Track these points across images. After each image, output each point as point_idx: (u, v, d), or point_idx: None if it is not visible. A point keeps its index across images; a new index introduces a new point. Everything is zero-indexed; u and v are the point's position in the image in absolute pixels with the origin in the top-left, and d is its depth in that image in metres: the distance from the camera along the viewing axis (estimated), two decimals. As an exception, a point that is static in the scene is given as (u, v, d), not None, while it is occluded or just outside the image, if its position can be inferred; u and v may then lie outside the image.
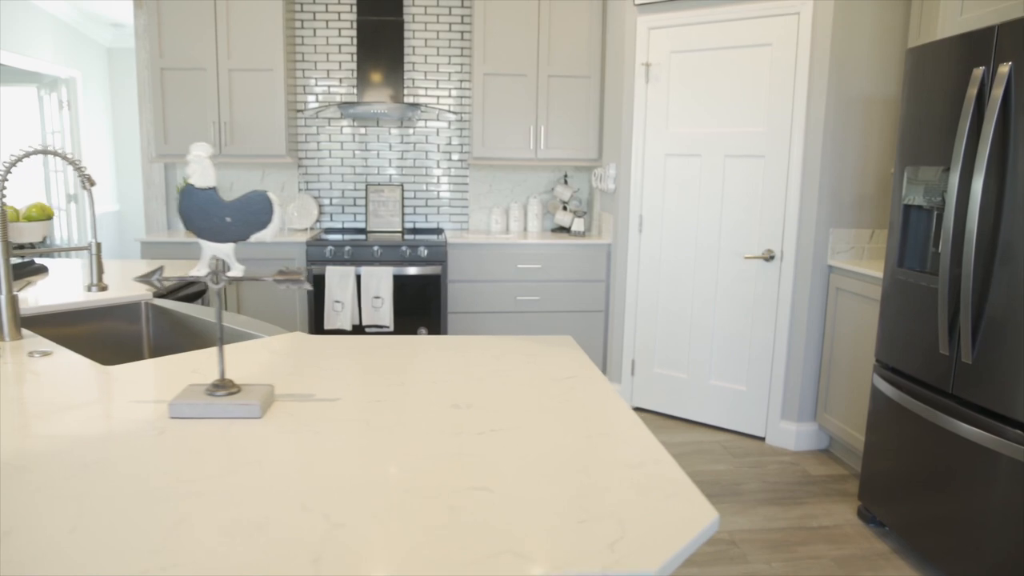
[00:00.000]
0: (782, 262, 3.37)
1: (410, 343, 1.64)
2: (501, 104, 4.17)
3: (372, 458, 0.98)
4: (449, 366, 1.44)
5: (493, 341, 1.65)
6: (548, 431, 1.09)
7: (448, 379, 1.35)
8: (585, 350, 4.13)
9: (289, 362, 1.46)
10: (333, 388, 1.29)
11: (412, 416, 1.15)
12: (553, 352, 1.56)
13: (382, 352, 1.55)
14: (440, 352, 1.55)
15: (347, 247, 3.90)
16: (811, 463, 3.29)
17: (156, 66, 3.94)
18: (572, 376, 1.37)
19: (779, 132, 3.31)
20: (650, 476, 0.93)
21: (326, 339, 1.66)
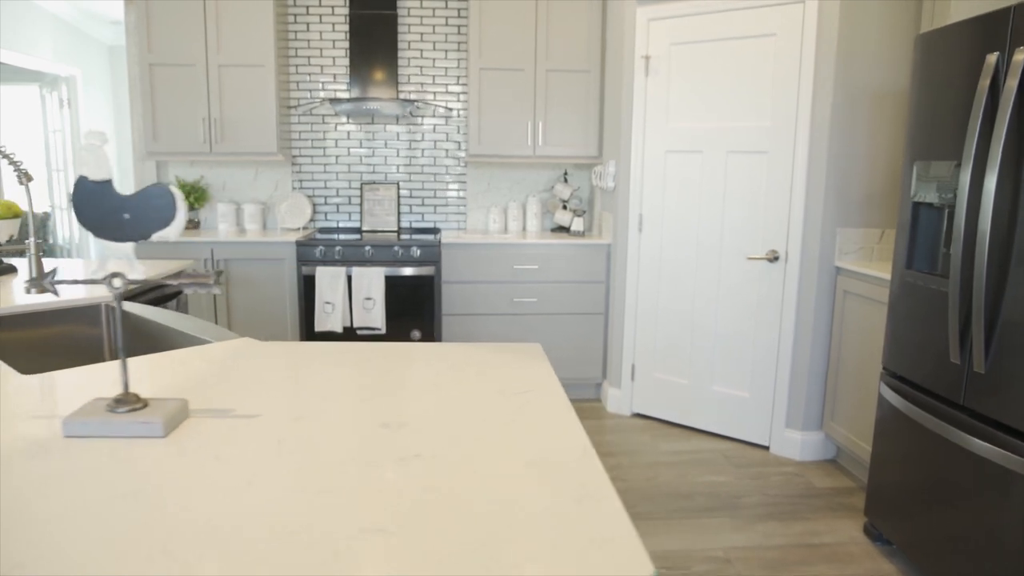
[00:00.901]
0: (787, 263, 3.21)
1: (363, 351, 1.51)
2: (498, 100, 4.04)
3: (265, 491, 0.86)
4: (394, 378, 1.32)
5: (454, 349, 1.53)
6: (482, 457, 0.96)
7: (389, 393, 1.23)
8: (584, 354, 3.99)
9: (222, 372, 1.34)
10: (257, 403, 1.17)
11: (331, 437, 1.03)
12: (515, 362, 1.43)
13: (330, 361, 1.43)
14: (389, 361, 1.43)
15: (338, 247, 3.79)
16: (816, 474, 3.13)
17: (145, 62, 3.86)
18: (528, 391, 1.24)
19: (783, 127, 3.15)
20: (585, 516, 0.79)
21: (274, 346, 1.54)
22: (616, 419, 3.80)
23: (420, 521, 0.78)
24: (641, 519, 2.70)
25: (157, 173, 4.28)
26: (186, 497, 0.83)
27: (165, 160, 4.14)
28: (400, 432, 1.05)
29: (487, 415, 1.12)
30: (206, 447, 0.98)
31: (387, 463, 0.94)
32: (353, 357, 1.46)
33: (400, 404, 1.17)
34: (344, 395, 1.21)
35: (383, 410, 1.14)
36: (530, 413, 1.13)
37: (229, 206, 4.22)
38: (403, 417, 1.11)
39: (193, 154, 3.96)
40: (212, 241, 3.78)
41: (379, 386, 1.27)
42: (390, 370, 1.37)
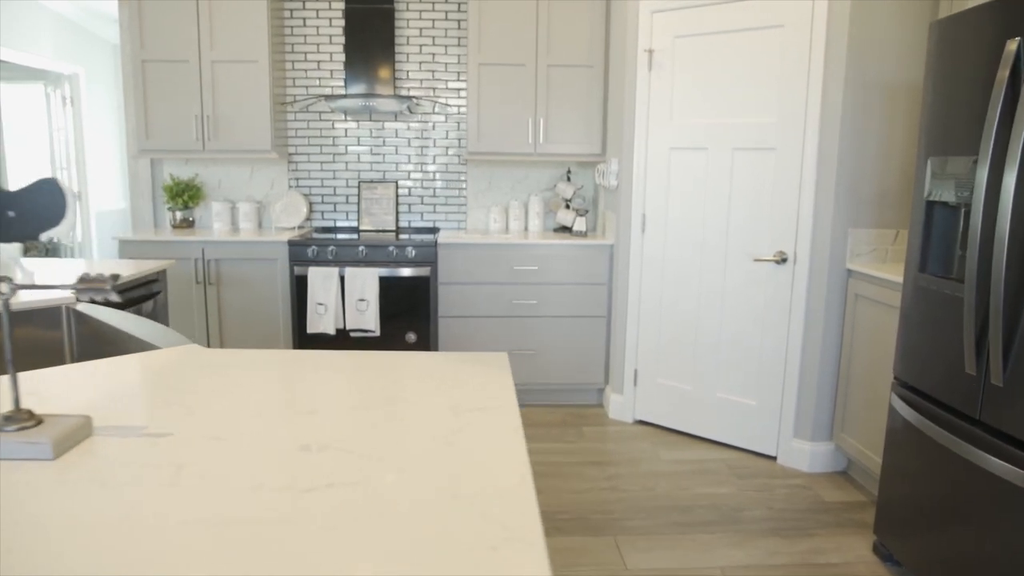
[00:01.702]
0: (795, 265, 3.06)
1: (319, 359, 1.40)
2: (498, 96, 3.92)
3: (143, 526, 0.74)
4: (340, 391, 1.20)
5: (418, 360, 1.41)
6: (406, 487, 0.84)
7: (325, 409, 1.11)
8: (586, 358, 3.86)
9: (153, 383, 1.23)
10: (175, 419, 1.05)
11: (241, 461, 0.91)
12: (477, 375, 1.30)
13: (276, 371, 1.31)
14: (343, 373, 1.31)
15: (330, 246, 3.69)
16: (825, 487, 2.97)
17: (137, 58, 3.79)
18: (480, 408, 1.11)
19: (792, 122, 3.00)
20: (497, 567, 0.67)
21: (221, 354, 1.43)
22: (618, 426, 3.66)
23: (309, 566, 0.66)
24: (634, 533, 2.57)
25: (152, 171, 4.21)
26: (54, 532, 0.72)
27: (160, 158, 4.07)
28: (320, 456, 0.93)
29: (428, 436, 1.00)
30: (95, 472, 0.87)
31: (293, 493, 0.82)
32: (305, 367, 1.35)
33: (333, 423, 1.05)
34: (274, 411, 1.10)
35: (311, 430, 1.02)
36: (475, 435, 1.01)
37: (224, 205, 4.14)
38: (330, 438, 0.99)
39: (186, 152, 3.88)
40: (203, 240, 3.69)
41: (318, 401, 1.15)
42: (339, 383, 1.25)
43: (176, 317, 3.74)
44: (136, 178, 4.18)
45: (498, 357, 1.41)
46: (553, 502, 2.81)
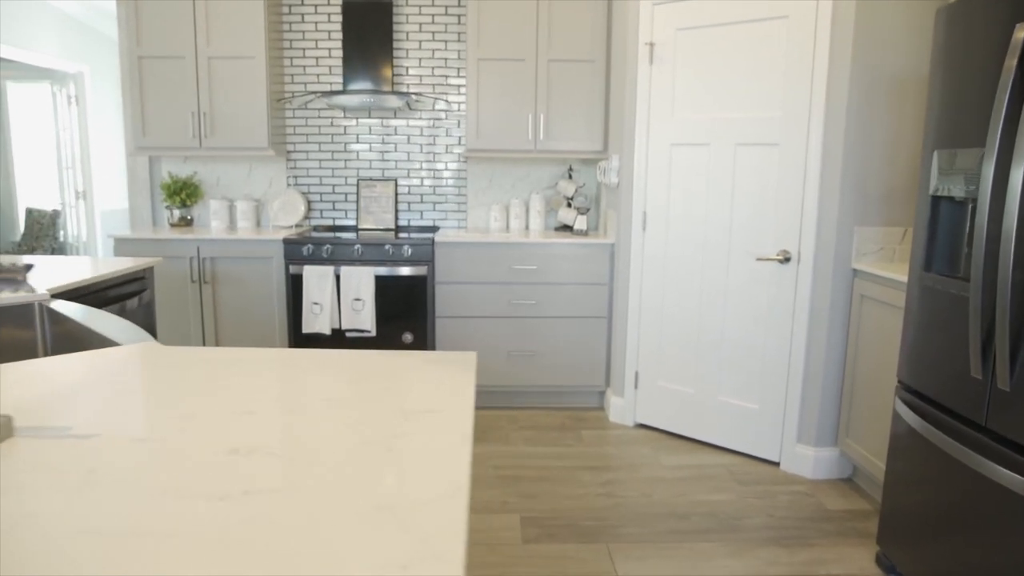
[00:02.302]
0: (799, 264, 2.96)
1: (276, 357, 1.33)
2: (497, 92, 3.85)
3: (29, 539, 0.67)
4: (289, 391, 1.13)
5: (381, 359, 1.34)
6: (330, 495, 0.77)
7: (262, 410, 1.04)
8: (586, 360, 3.77)
9: (95, 382, 1.17)
10: (105, 420, 0.99)
11: (160, 465, 0.84)
12: (437, 374, 1.23)
13: (228, 369, 1.25)
14: (300, 371, 1.25)
15: (326, 245, 3.64)
16: (829, 495, 2.87)
17: (134, 55, 3.76)
18: (431, 411, 1.04)
19: (796, 117, 2.90)
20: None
21: (180, 351, 1.37)
22: (618, 430, 3.57)
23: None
24: (628, 541, 2.48)
25: (150, 169, 4.18)
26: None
27: (156, 155, 4.04)
28: (246, 460, 0.86)
29: (368, 440, 0.93)
30: (4, 479, 0.80)
31: (205, 502, 0.75)
32: (261, 365, 1.28)
33: (270, 425, 0.98)
34: (213, 411, 1.03)
35: (245, 432, 0.95)
36: (419, 439, 0.94)
37: (222, 203, 4.10)
38: (262, 441, 0.92)
39: (182, 149, 3.84)
40: (198, 239, 3.65)
41: (262, 401, 1.08)
42: (291, 382, 1.19)
43: (171, 316, 3.71)
44: (135, 176, 4.15)
45: (465, 357, 1.33)
46: (546, 507, 2.73)
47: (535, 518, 2.65)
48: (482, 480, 2.97)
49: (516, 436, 3.47)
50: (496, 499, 2.80)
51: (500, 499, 2.80)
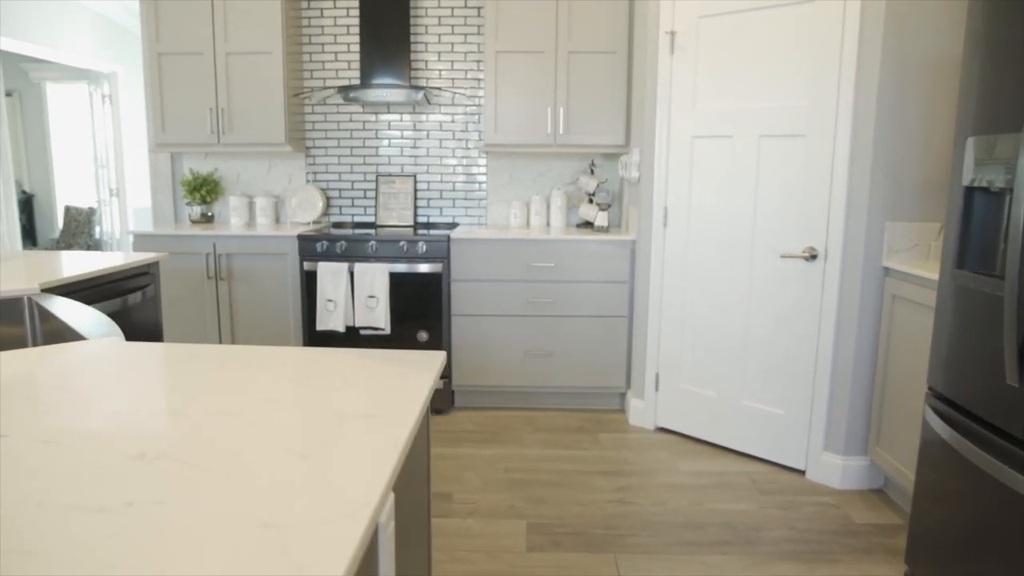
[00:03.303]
0: (826, 262, 2.80)
1: (237, 355, 1.26)
2: (516, 85, 3.75)
3: None
4: (223, 391, 1.06)
5: (338, 358, 1.26)
6: (209, 509, 0.69)
7: (190, 412, 0.97)
8: (606, 360, 3.65)
9: (29, 379, 1.11)
10: (19, 420, 0.93)
11: (55, 470, 0.77)
12: (392, 375, 1.15)
13: (177, 368, 1.18)
14: (249, 370, 1.17)
15: (340, 242, 3.59)
16: (857, 507, 2.70)
17: (154, 51, 3.77)
18: (369, 415, 0.96)
19: (823, 106, 2.74)
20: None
21: (141, 347, 1.31)
22: (638, 434, 3.44)
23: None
24: (636, 551, 2.36)
25: (172, 166, 4.20)
26: None
27: (175, 151, 4.05)
28: (148, 466, 0.78)
29: (287, 446, 0.85)
30: None
31: (84, 513, 0.67)
32: (214, 363, 1.21)
33: (191, 428, 0.91)
34: (136, 411, 0.96)
35: (161, 434, 0.88)
36: (345, 446, 0.85)
37: (241, 199, 4.09)
38: (174, 445, 0.84)
39: (200, 145, 3.84)
40: (214, 235, 3.64)
41: (195, 402, 1.01)
42: (239, 380, 1.11)
43: (188, 313, 3.71)
44: (157, 173, 4.17)
45: (431, 358, 1.24)
46: (554, 513, 2.63)
47: (542, 524, 2.55)
48: (491, 483, 2.88)
49: (531, 438, 3.37)
50: (503, 503, 2.71)
51: (508, 503, 2.71)
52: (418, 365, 1.21)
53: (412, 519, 1.10)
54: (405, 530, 1.04)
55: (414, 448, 1.10)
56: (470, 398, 3.79)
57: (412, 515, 1.09)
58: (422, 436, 1.19)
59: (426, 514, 1.27)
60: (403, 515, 1.02)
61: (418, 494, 1.15)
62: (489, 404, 3.80)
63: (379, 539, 0.84)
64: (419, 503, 1.17)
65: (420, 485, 1.18)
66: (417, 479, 1.14)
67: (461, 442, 3.31)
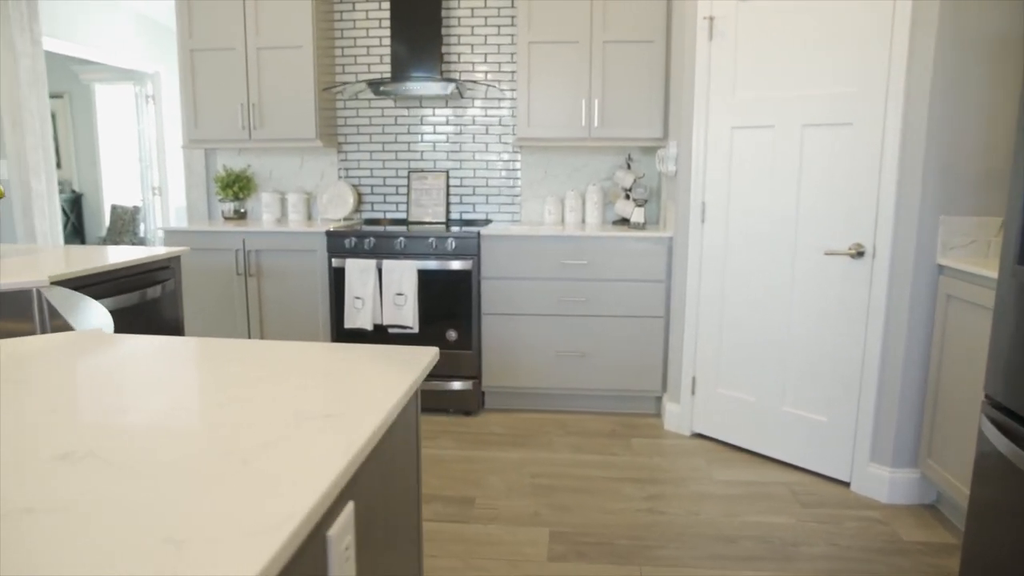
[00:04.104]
0: (874, 260, 2.61)
1: (203, 348, 1.19)
2: (549, 77, 3.64)
3: None
4: (184, 387, 0.98)
5: (314, 352, 1.17)
6: (121, 518, 0.60)
7: (140, 408, 0.89)
8: (642, 362, 3.51)
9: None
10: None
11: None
12: (371, 372, 1.05)
13: (145, 363, 1.11)
14: (213, 363, 1.10)
15: (368, 238, 3.53)
16: (906, 523, 2.51)
17: (186, 48, 3.78)
18: (330, 416, 0.86)
19: (872, 92, 2.56)
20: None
21: (112, 339, 1.25)
22: (673, 439, 3.30)
23: None
24: (663, 565, 2.23)
25: (206, 162, 4.22)
26: None
27: (209, 147, 4.06)
28: (71, 468, 0.71)
29: (232, 449, 0.76)
30: None
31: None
32: (188, 357, 1.14)
33: (136, 426, 0.83)
34: (79, 409, 0.89)
35: (97, 433, 0.80)
36: (294, 451, 0.76)
37: (273, 196, 4.08)
38: (109, 446, 0.77)
39: (232, 141, 3.84)
40: (243, 231, 3.63)
41: (150, 398, 0.93)
42: (203, 376, 1.03)
43: (216, 310, 3.70)
44: (191, 170, 4.19)
45: (418, 356, 1.15)
46: (579, 522, 2.51)
47: (566, 533, 2.43)
48: (516, 489, 2.77)
49: (561, 442, 3.25)
50: (527, 510, 2.60)
51: (531, 510, 2.60)
52: (403, 362, 1.11)
53: (389, 528, 1.00)
54: (378, 541, 0.94)
55: (392, 450, 1.01)
56: (500, 400, 3.70)
57: (388, 524, 1.00)
58: (405, 437, 1.09)
59: (414, 522, 1.17)
60: (375, 524, 0.93)
61: (399, 501, 1.06)
62: (519, 406, 3.70)
63: (329, 555, 0.74)
64: (400, 510, 1.07)
65: (402, 490, 1.08)
66: (397, 484, 1.05)
67: (488, 445, 3.22)
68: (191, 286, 3.71)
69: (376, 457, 0.92)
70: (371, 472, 0.90)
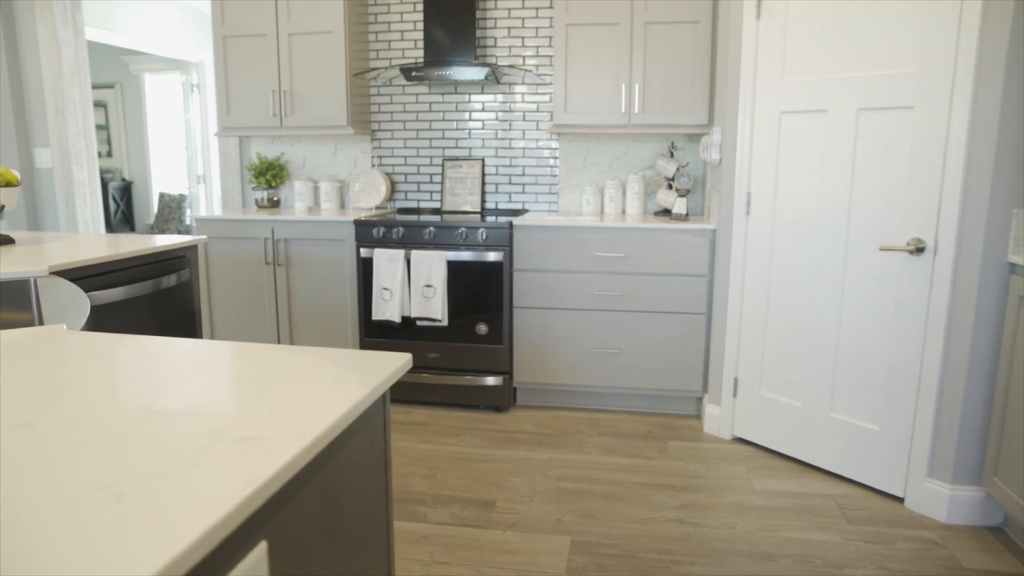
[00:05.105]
0: (936, 256, 2.38)
1: (147, 349, 1.09)
2: (588, 60, 3.47)
3: None
4: (104, 395, 0.88)
5: (268, 355, 1.06)
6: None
7: (45, 422, 0.78)
8: (682, 361, 3.33)
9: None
10: None
11: None
12: (323, 381, 0.93)
13: (85, 364, 1.02)
14: (150, 366, 0.99)
15: (397, 227, 3.43)
16: (967, 547, 2.28)
17: (220, 34, 3.73)
18: (251, 439, 0.74)
19: (936, 71, 2.32)
20: None
21: (75, 337, 1.16)
22: (712, 443, 3.11)
23: None
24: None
25: (240, 150, 4.19)
26: None
27: (241, 135, 4.02)
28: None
29: (108, 481, 0.64)
30: None
31: None
32: (131, 358, 1.04)
33: (26, 443, 0.72)
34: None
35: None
36: (182, 484, 0.64)
37: (306, 184, 4.02)
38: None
39: (263, 128, 3.79)
40: (272, 219, 3.57)
41: (61, 410, 0.83)
42: (129, 382, 0.93)
43: (243, 299, 3.66)
44: (226, 158, 4.17)
45: (385, 362, 1.02)
46: (604, 531, 2.36)
47: (588, 543, 2.29)
48: (540, 492, 2.64)
49: (592, 443, 3.10)
50: (549, 516, 2.46)
51: (554, 516, 2.46)
52: (364, 371, 0.98)
53: (335, 566, 0.88)
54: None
55: (338, 474, 0.88)
56: (531, 396, 3.56)
57: (334, 561, 0.87)
58: (362, 457, 0.97)
59: (379, 553, 1.05)
60: (309, 564, 0.81)
61: (350, 531, 0.94)
62: (551, 403, 3.56)
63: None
64: (352, 543, 0.95)
65: (356, 520, 0.96)
66: (348, 512, 0.93)
67: (515, 444, 3.09)
68: (220, 275, 3.68)
69: (305, 485, 0.79)
70: (300, 503, 0.78)
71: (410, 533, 2.34)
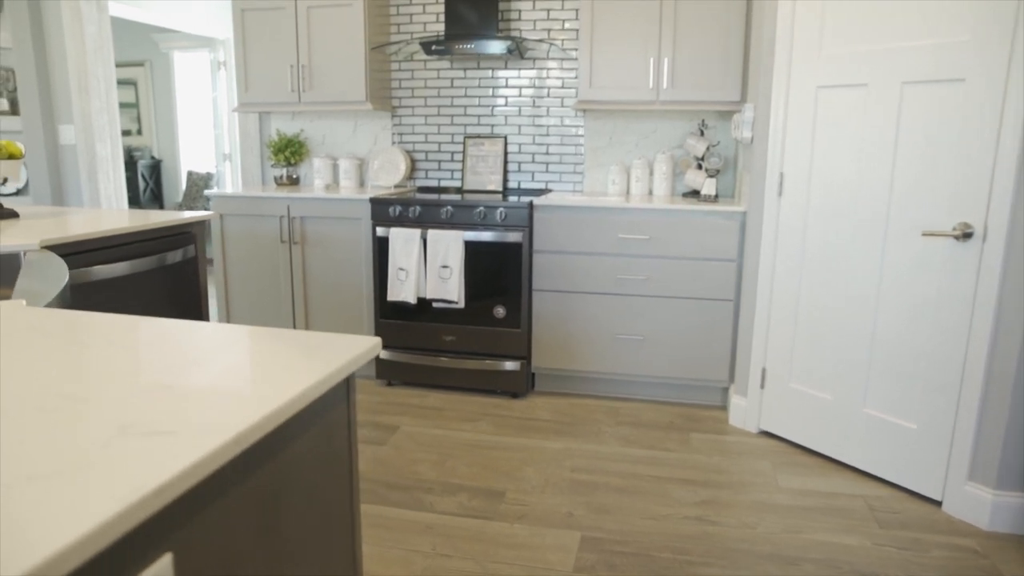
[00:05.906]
0: (984, 242, 2.19)
1: (111, 327, 1.00)
2: (615, 34, 3.31)
3: None
4: (29, 378, 0.78)
5: (226, 336, 0.96)
6: None
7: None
8: (707, 349, 3.18)
9: None
10: None
11: None
12: (271, 367, 0.83)
13: (31, 347, 0.93)
14: (88, 346, 0.90)
15: (414, 206, 3.33)
16: (1010, 557, 2.11)
17: (238, 7, 3.66)
18: (164, 433, 0.64)
19: (991, 40, 2.12)
20: None
21: (27, 312, 1.08)
22: (736, 436, 2.97)
23: None
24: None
25: (260, 127, 4.12)
26: None
27: (260, 111, 3.95)
28: None
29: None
30: None
31: None
32: (81, 336, 0.95)
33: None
34: None
35: None
36: (67, 487, 0.54)
37: (325, 161, 3.94)
38: None
39: (282, 104, 3.71)
40: (287, 197, 3.50)
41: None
42: (65, 365, 0.84)
43: (259, 277, 3.61)
44: (246, 134, 4.11)
45: (348, 345, 0.91)
46: (616, 527, 2.24)
47: (599, 540, 2.18)
48: (552, 483, 2.53)
49: (610, 433, 2.98)
50: (560, 509, 2.36)
51: (565, 510, 2.35)
52: (322, 355, 0.88)
53: (278, 573, 0.78)
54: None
55: (277, 473, 0.78)
56: (550, 382, 3.45)
57: (275, 567, 0.77)
58: (315, 452, 0.87)
59: (346, 561, 0.95)
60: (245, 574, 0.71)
61: (297, 538, 0.83)
62: (570, 390, 3.44)
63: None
64: (302, 553, 0.85)
65: (302, 525, 0.85)
66: (293, 516, 0.82)
67: (531, 432, 2.99)
68: (236, 253, 3.63)
69: (233, 487, 0.69)
70: (226, 508, 0.68)
71: (414, 522, 2.26)
